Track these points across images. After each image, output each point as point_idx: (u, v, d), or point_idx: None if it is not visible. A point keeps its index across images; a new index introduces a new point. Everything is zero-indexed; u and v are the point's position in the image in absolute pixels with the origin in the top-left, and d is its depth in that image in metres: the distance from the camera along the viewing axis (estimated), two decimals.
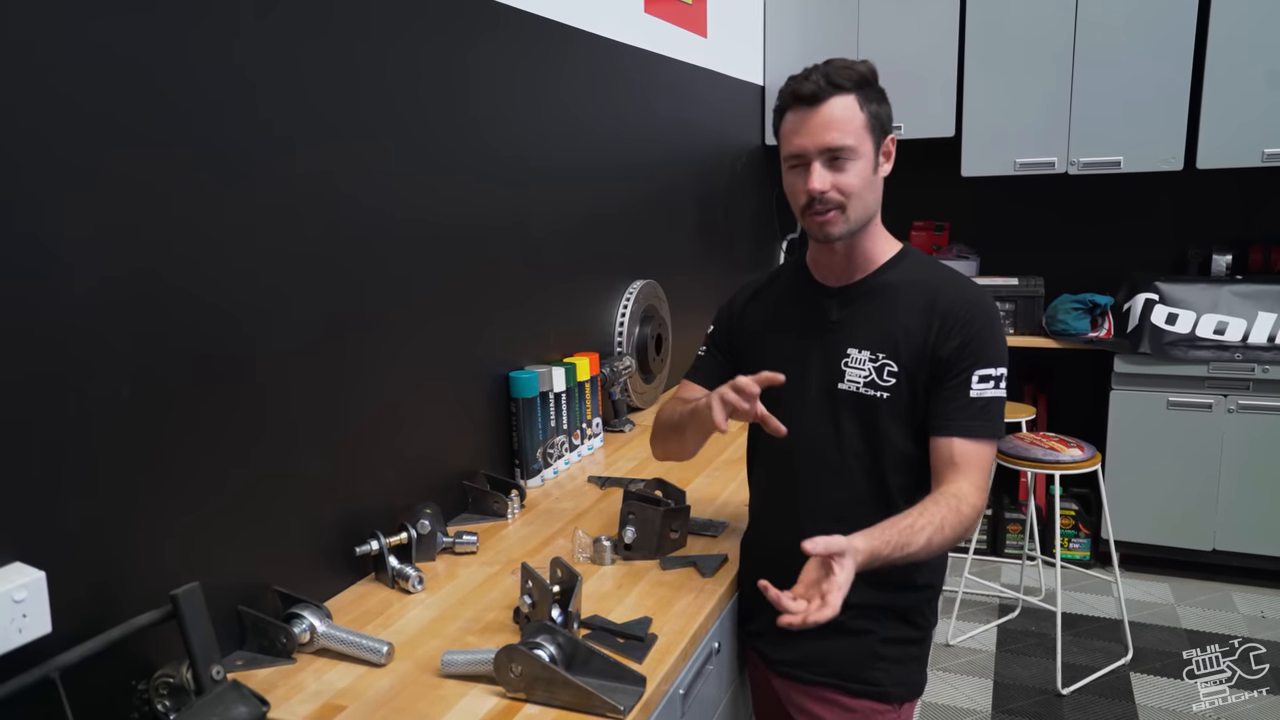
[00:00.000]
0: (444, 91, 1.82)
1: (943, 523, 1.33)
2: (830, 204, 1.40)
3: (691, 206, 3.26)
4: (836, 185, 1.39)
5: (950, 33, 3.78)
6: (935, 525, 1.33)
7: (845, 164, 1.39)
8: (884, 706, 1.50)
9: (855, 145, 1.38)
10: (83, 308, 1.13)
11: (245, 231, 1.37)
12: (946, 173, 3.91)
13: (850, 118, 1.38)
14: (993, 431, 1.42)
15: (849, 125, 1.38)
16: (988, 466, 1.42)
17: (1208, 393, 3.48)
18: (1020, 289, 3.85)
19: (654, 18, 2.87)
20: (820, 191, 1.39)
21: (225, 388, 1.34)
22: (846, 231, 1.43)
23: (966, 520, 1.36)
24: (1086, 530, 3.82)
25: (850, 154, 1.38)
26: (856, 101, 1.39)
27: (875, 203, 1.45)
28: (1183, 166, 3.55)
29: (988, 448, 1.42)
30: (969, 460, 1.40)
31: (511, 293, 2.11)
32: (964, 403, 1.40)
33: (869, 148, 1.40)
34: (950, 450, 1.41)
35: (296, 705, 1.22)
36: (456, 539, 1.72)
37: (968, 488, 1.38)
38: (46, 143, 1.08)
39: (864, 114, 1.39)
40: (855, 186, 1.39)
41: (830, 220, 1.41)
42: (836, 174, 1.39)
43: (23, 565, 1.06)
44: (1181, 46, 3.48)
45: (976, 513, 1.38)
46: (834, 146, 1.37)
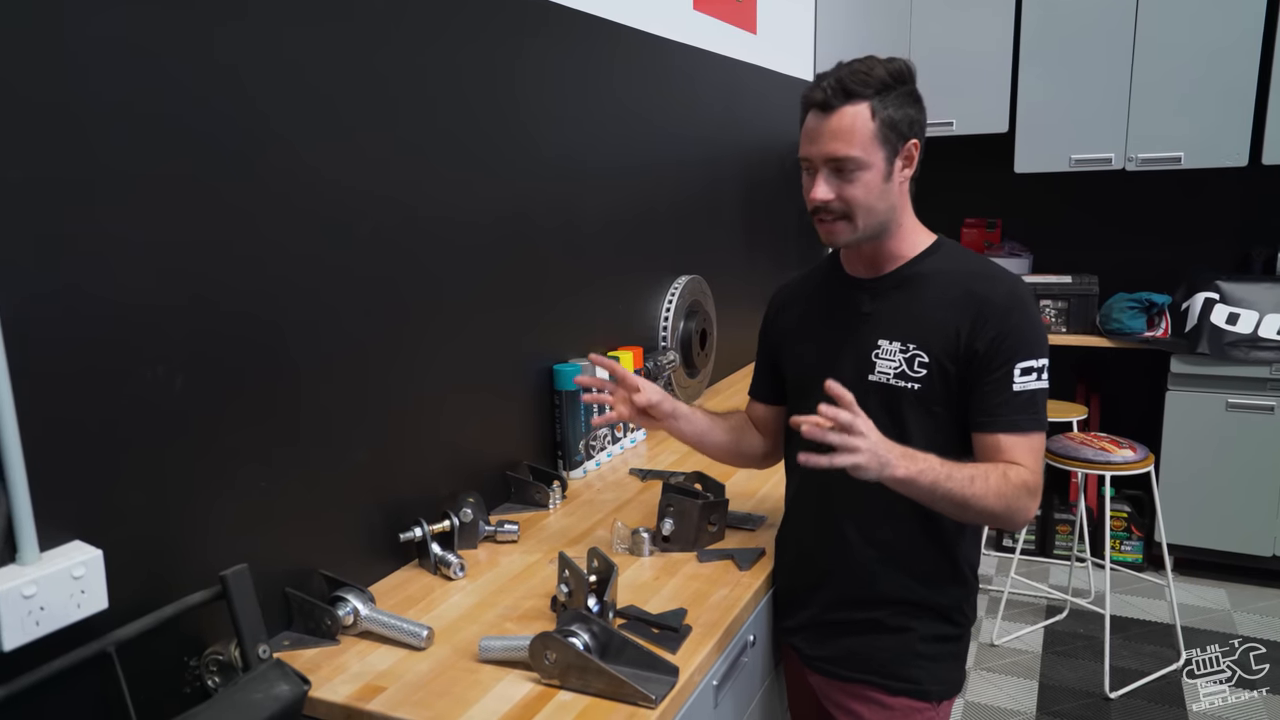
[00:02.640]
0: (491, 90, 1.85)
1: (988, 475, 1.34)
2: (834, 213, 1.40)
3: (739, 202, 3.26)
4: (841, 195, 1.39)
5: (1005, 25, 3.72)
6: (981, 474, 1.34)
7: (851, 174, 1.37)
8: (922, 704, 1.49)
9: (861, 156, 1.36)
10: (140, 298, 1.17)
11: (295, 230, 1.41)
12: (999, 169, 3.86)
13: (859, 127, 1.35)
14: (1039, 423, 1.40)
15: (856, 136, 1.35)
16: (1039, 454, 1.41)
17: (1270, 395, 3.39)
18: (1074, 287, 3.78)
19: (703, 14, 2.87)
20: (822, 201, 1.39)
21: (275, 379, 1.39)
22: (854, 240, 1.43)
23: (1015, 487, 1.35)
24: (1139, 533, 3.74)
25: (856, 164, 1.36)
26: (869, 109, 1.35)
27: (889, 210, 1.42)
28: (1247, 162, 3.45)
29: (1037, 439, 1.40)
30: (1018, 453, 1.39)
31: (557, 287, 2.13)
32: (1008, 396, 1.38)
33: (879, 157, 1.37)
34: (998, 445, 1.40)
35: (339, 685, 1.26)
36: (498, 528, 1.75)
37: (1018, 466, 1.38)
38: (97, 140, 1.12)
39: (875, 122, 1.36)
40: (860, 198, 1.38)
41: (836, 230, 1.42)
42: (843, 184, 1.38)
43: (82, 543, 1.11)
44: (1249, 36, 3.38)
45: (1027, 488, 1.36)
46: (838, 157, 1.36)
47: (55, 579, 1.05)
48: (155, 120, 1.17)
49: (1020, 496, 1.36)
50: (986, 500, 1.34)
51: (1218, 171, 3.58)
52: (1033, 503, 1.38)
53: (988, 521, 1.39)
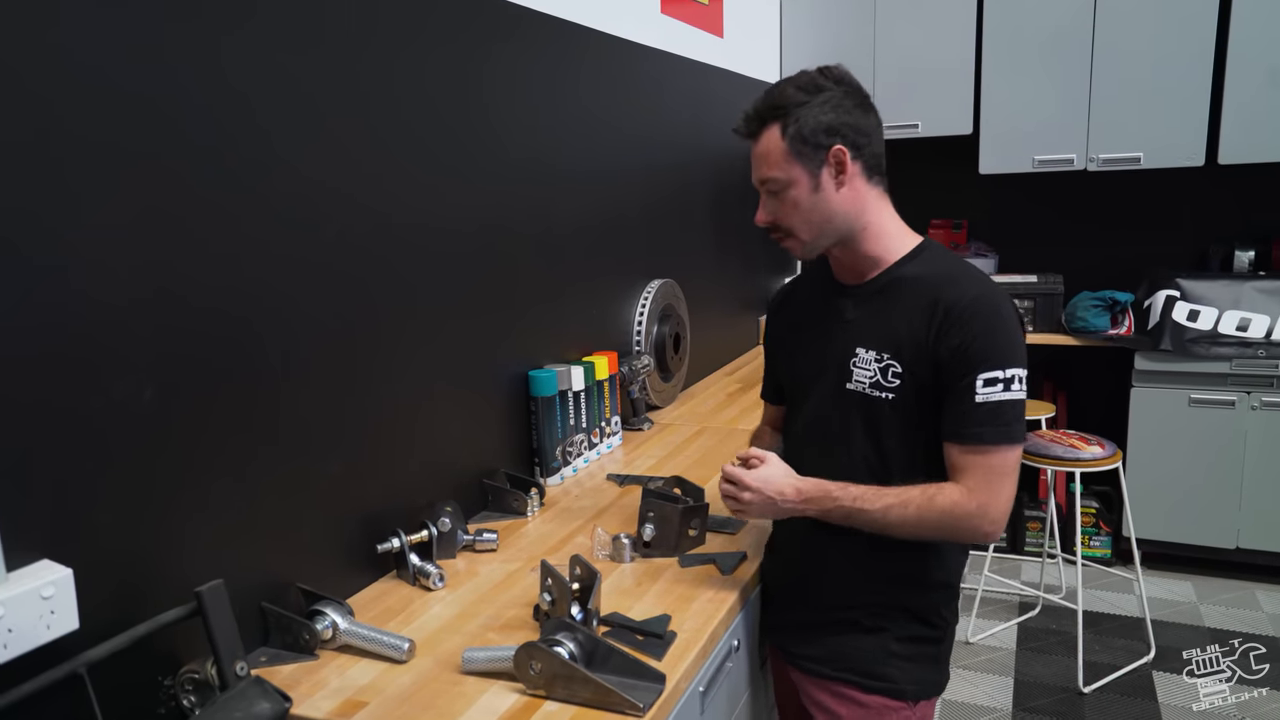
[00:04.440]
0: (460, 95, 1.83)
1: (909, 501, 1.36)
2: (781, 231, 1.46)
3: (708, 205, 3.27)
4: (776, 217, 1.45)
5: (968, 29, 3.77)
6: (899, 500, 1.36)
7: (781, 194, 1.42)
8: (898, 704, 1.49)
9: (780, 175, 1.40)
10: (105, 310, 1.14)
11: (263, 237, 1.38)
12: (964, 170, 3.90)
13: (772, 149, 1.40)
14: (1007, 436, 1.34)
15: (770, 157, 1.41)
16: (996, 471, 1.35)
17: (1230, 390, 3.45)
18: (1039, 286, 3.83)
19: (670, 18, 2.87)
20: (762, 224, 1.47)
21: (246, 388, 1.36)
22: (810, 251, 1.47)
23: (941, 511, 1.34)
24: (1107, 528, 3.79)
25: (778, 184, 1.41)
26: (779, 129, 1.39)
27: (835, 216, 1.42)
28: (1204, 162, 3.52)
29: (998, 453, 1.34)
30: (968, 468, 1.36)
31: (531, 293, 2.12)
32: (968, 408, 1.34)
33: (798, 172, 1.39)
34: (952, 457, 1.38)
35: (320, 701, 1.24)
36: (477, 536, 1.73)
37: (953, 487, 1.36)
38: (67, 152, 1.09)
39: (785, 141, 1.38)
40: (791, 214, 1.43)
41: (789, 246, 1.48)
42: (778, 204, 1.44)
43: (50, 562, 1.07)
44: (1203, 40, 3.45)
45: (959, 510, 1.34)
46: (764, 179, 1.43)
47: (23, 599, 1.02)
48: (129, 126, 1.14)
49: (955, 521, 1.35)
50: (907, 528, 1.37)
51: (1176, 171, 3.64)
52: (980, 523, 1.35)
53: (934, 541, 1.43)
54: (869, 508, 1.38)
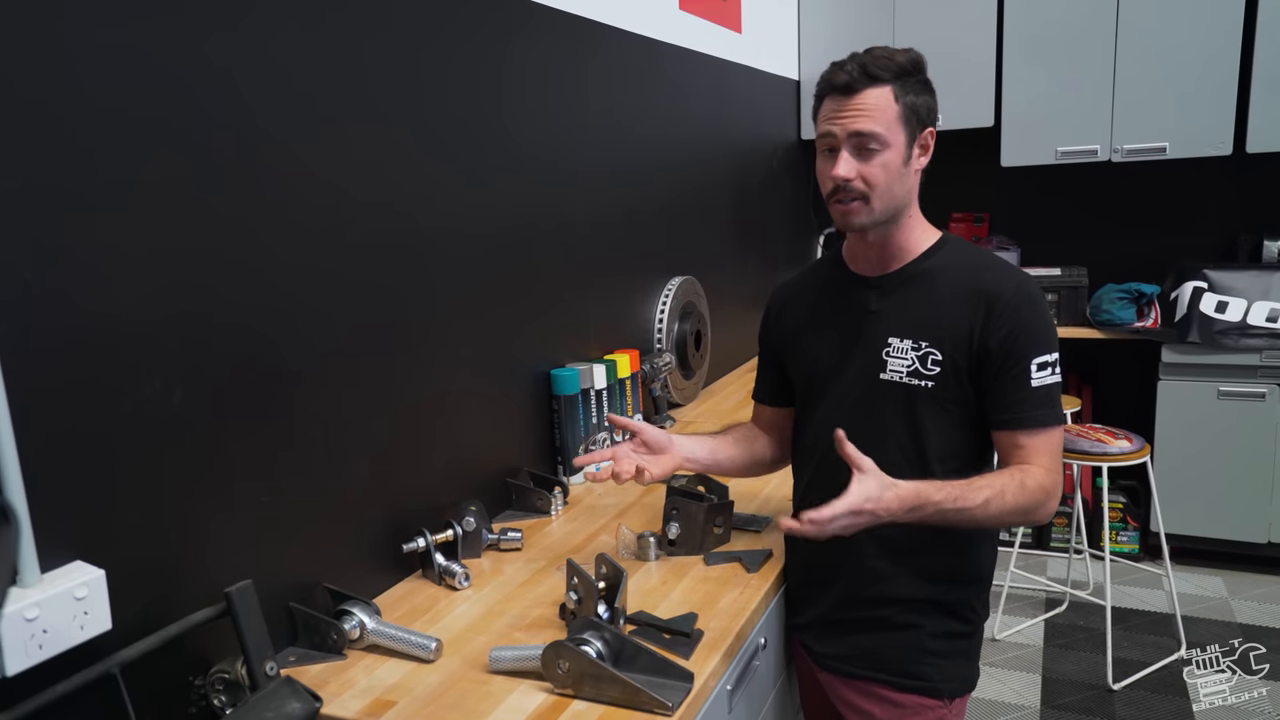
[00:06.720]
0: (480, 96, 1.83)
1: (1004, 489, 1.34)
2: (854, 193, 1.39)
3: (728, 202, 3.25)
4: (862, 174, 1.37)
5: (988, 19, 3.73)
6: (996, 490, 1.34)
7: (873, 154, 1.36)
8: (933, 702, 1.48)
9: (885, 134, 1.36)
10: (135, 311, 1.15)
11: (290, 240, 1.38)
12: (986, 163, 3.86)
13: (884, 106, 1.35)
14: (1058, 417, 1.41)
15: (881, 115, 1.35)
16: (1058, 450, 1.41)
17: (1260, 382, 3.40)
18: (1063, 279, 3.78)
19: (688, 14, 2.86)
20: (845, 179, 1.37)
21: (272, 391, 1.36)
22: (870, 223, 1.41)
23: (1032, 494, 1.36)
24: (1135, 523, 3.75)
25: (879, 142, 1.36)
26: (892, 92, 1.36)
27: (905, 195, 1.42)
28: (1231, 151, 3.47)
29: (1057, 434, 1.41)
30: (1038, 448, 1.39)
31: (552, 291, 2.12)
32: (1027, 393, 1.38)
33: (901, 139, 1.37)
34: (1017, 442, 1.40)
35: (348, 700, 1.24)
36: (501, 536, 1.73)
37: (1035, 469, 1.38)
38: (93, 147, 1.10)
39: (899, 105, 1.36)
40: (880, 178, 1.37)
41: (853, 210, 1.40)
42: (863, 163, 1.37)
43: (83, 564, 1.08)
44: (1230, 25, 3.39)
45: (1045, 492, 1.37)
46: (864, 133, 1.35)
47: (57, 601, 1.03)
48: (151, 126, 1.15)
49: (1041, 502, 1.38)
50: (1004, 519, 1.37)
51: (1202, 161, 3.59)
52: (1053, 503, 1.40)
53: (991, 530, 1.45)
54: (969, 505, 1.33)
